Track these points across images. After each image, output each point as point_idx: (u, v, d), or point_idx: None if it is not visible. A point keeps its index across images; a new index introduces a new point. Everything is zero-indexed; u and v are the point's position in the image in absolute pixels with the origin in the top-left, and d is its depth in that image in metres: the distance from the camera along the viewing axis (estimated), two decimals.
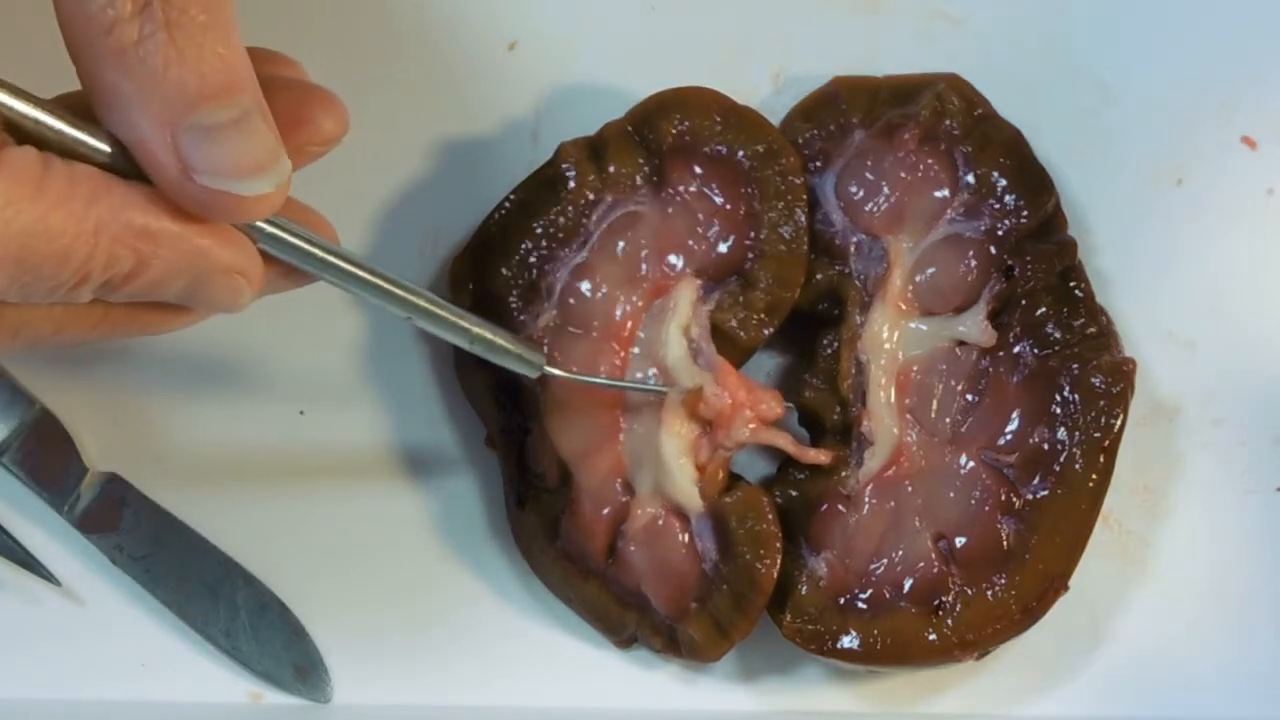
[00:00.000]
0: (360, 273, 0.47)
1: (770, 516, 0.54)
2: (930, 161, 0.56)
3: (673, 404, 0.54)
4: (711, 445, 0.54)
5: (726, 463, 0.55)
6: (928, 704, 0.57)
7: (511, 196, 0.56)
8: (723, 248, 0.56)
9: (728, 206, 0.56)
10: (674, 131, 0.56)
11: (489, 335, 0.50)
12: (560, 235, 0.56)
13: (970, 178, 0.56)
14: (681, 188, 0.56)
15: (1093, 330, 0.55)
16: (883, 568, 0.55)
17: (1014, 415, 0.55)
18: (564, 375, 0.53)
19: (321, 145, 0.46)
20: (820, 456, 0.55)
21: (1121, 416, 0.54)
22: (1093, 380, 0.54)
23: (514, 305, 0.55)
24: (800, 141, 0.57)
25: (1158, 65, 0.59)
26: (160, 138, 0.40)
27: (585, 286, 0.55)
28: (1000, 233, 0.55)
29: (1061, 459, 0.54)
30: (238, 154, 0.41)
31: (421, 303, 0.48)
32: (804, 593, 0.54)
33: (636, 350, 0.55)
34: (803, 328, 0.57)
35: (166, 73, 0.39)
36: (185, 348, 0.58)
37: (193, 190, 0.41)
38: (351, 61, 0.59)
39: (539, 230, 0.56)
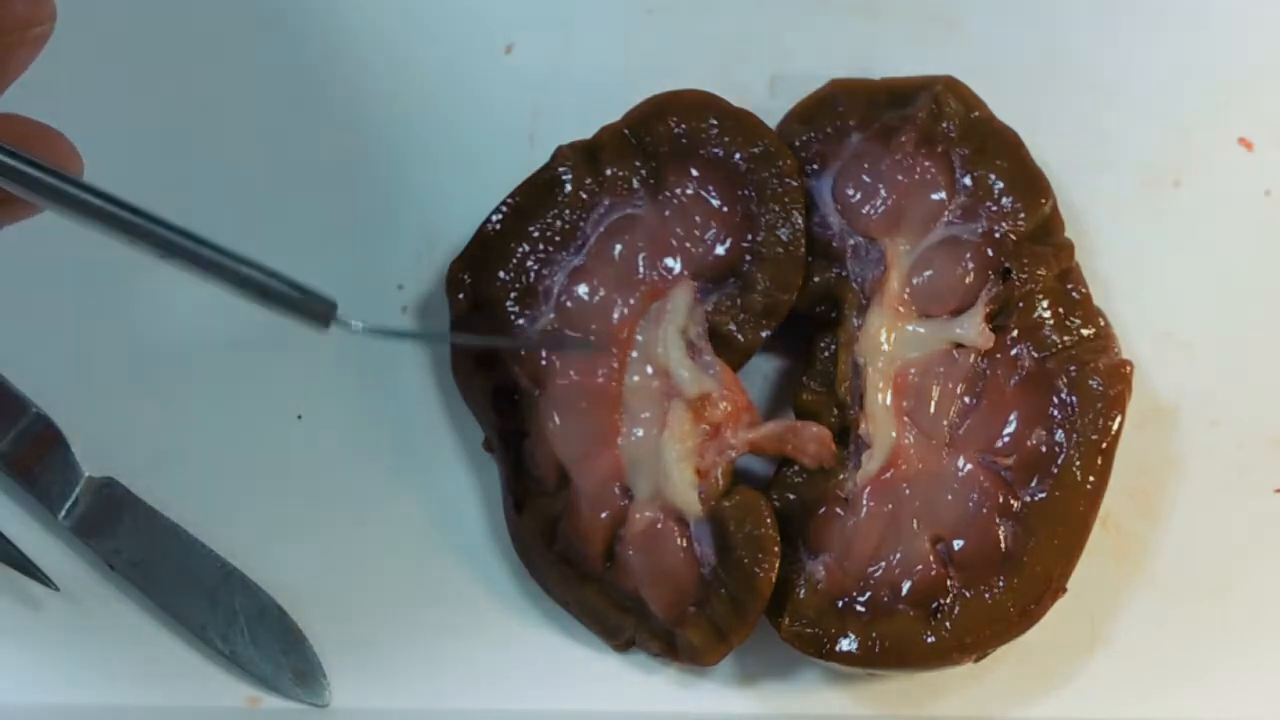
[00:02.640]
0: (85, 196, 0.40)
1: (769, 520, 0.54)
2: (927, 164, 0.56)
3: (677, 408, 0.54)
4: (718, 448, 0.54)
5: (730, 466, 0.55)
6: (926, 707, 0.57)
7: (508, 200, 0.56)
8: (720, 250, 0.56)
9: (725, 209, 0.56)
10: (671, 134, 0.56)
11: (259, 277, 0.42)
12: (557, 239, 0.56)
13: (967, 180, 0.56)
14: (678, 190, 0.56)
15: (1090, 332, 0.55)
16: (881, 570, 0.55)
17: (1012, 417, 0.55)
18: (366, 331, 0.44)
19: (18, 29, 0.40)
20: (822, 433, 0.55)
21: (1119, 418, 0.54)
22: (1090, 382, 0.54)
23: (511, 309, 0.55)
24: (797, 144, 0.57)
25: (1154, 67, 0.59)
26: None
27: (583, 290, 0.56)
28: (997, 235, 0.55)
29: (1059, 461, 0.54)
30: None
31: (172, 236, 0.41)
32: (802, 596, 0.54)
33: (635, 354, 0.55)
34: (800, 330, 0.57)
35: None
36: (182, 351, 0.58)
37: None
38: (349, 64, 0.59)
39: (536, 234, 0.56)
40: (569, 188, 0.56)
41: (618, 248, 0.56)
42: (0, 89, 0.41)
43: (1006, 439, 0.55)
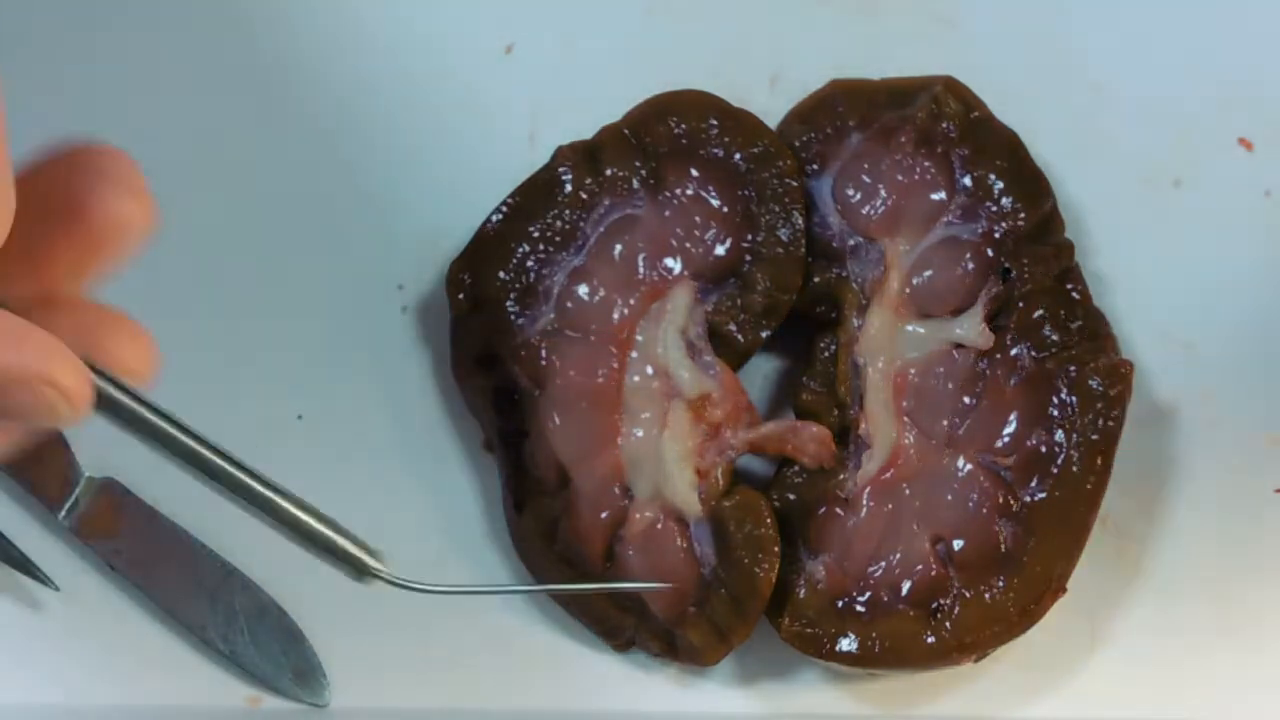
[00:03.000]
0: (145, 414, 0.39)
1: (769, 520, 0.54)
2: (927, 164, 0.56)
3: (677, 408, 0.54)
4: (718, 448, 0.54)
5: (730, 466, 0.55)
6: (926, 707, 0.57)
7: (508, 200, 0.56)
8: (720, 250, 0.56)
9: (724, 209, 0.56)
10: (671, 134, 0.56)
11: (311, 523, 0.42)
12: (557, 239, 0.56)
13: (967, 180, 0.56)
14: (678, 190, 0.56)
15: (1090, 332, 0.55)
16: (881, 570, 0.55)
17: (1011, 418, 0.55)
18: (398, 583, 0.44)
19: (118, 231, 0.37)
20: (822, 433, 0.55)
21: (1119, 418, 0.54)
22: (1090, 382, 0.54)
23: (511, 309, 0.55)
24: (797, 144, 0.57)
25: (1154, 66, 0.59)
26: None
27: (583, 290, 0.55)
28: (997, 235, 0.55)
29: (1059, 461, 0.54)
30: None
31: (229, 468, 0.41)
32: (802, 596, 0.54)
33: (635, 354, 0.55)
34: (800, 330, 0.57)
35: None
36: (182, 351, 0.58)
37: None
38: (349, 64, 0.59)
39: (536, 234, 0.56)
40: (569, 188, 0.56)
41: (618, 248, 0.56)
42: (84, 282, 0.38)
43: (1006, 439, 0.55)
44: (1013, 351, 0.55)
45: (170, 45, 0.59)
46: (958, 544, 0.54)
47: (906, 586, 0.54)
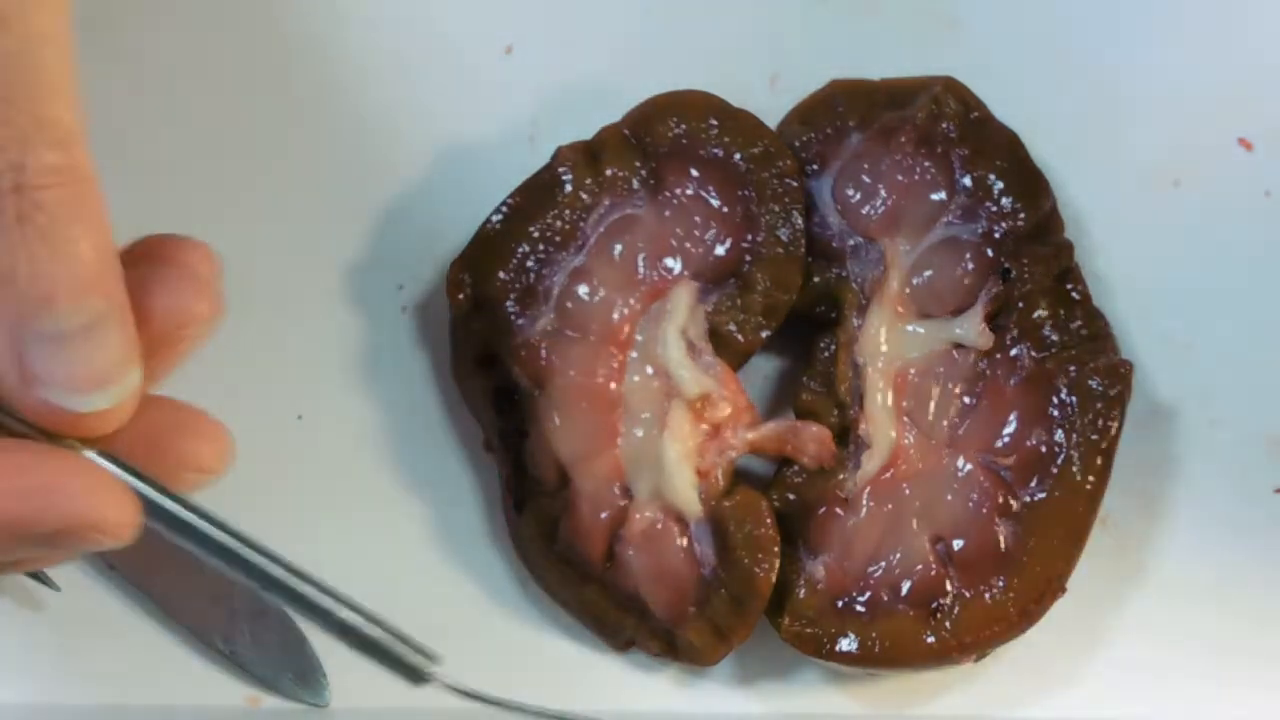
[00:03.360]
0: (207, 529, 0.40)
1: (769, 520, 0.54)
2: (927, 164, 0.56)
3: (677, 408, 0.54)
4: (718, 449, 0.55)
5: (731, 466, 0.55)
6: (926, 706, 0.57)
7: (509, 200, 0.56)
8: (720, 250, 0.56)
9: (724, 209, 0.56)
10: (671, 135, 0.56)
11: (365, 630, 0.43)
12: (557, 239, 0.56)
13: (967, 180, 0.56)
14: (678, 190, 0.56)
15: (1090, 332, 0.55)
16: (881, 570, 0.55)
17: (1011, 418, 0.55)
18: (454, 690, 0.45)
19: (193, 325, 0.39)
20: (822, 433, 0.55)
21: (1119, 419, 0.54)
22: (1090, 382, 0.54)
23: (511, 309, 0.55)
24: (797, 144, 0.57)
25: (1154, 67, 0.59)
26: (2, 340, 0.35)
27: (583, 290, 0.56)
28: (997, 235, 0.55)
29: (1059, 461, 0.54)
30: (78, 364, 0.35)
31: (283, 576, 0.41)
32: (802, 596, 0.54)
33: (635, 354, 0.55)
34: (800, 330, 0.57)
35: (15, 272, 0.35)
36: None
37: (30, 401, 0.36)
38: (349, 65, 0.59)
39: (536, 234, 0.56)
40: (569, 188, 0.56)
41: (618, 248, 0.56)
42: (151, 381, 0.39)
43: (1006, 439, 0.55)
44: (1013, 351, 0.55)
45: (170, 43, 0.59)
46: (958, 544, 0.54)
47: (906, 586, 0.54)
